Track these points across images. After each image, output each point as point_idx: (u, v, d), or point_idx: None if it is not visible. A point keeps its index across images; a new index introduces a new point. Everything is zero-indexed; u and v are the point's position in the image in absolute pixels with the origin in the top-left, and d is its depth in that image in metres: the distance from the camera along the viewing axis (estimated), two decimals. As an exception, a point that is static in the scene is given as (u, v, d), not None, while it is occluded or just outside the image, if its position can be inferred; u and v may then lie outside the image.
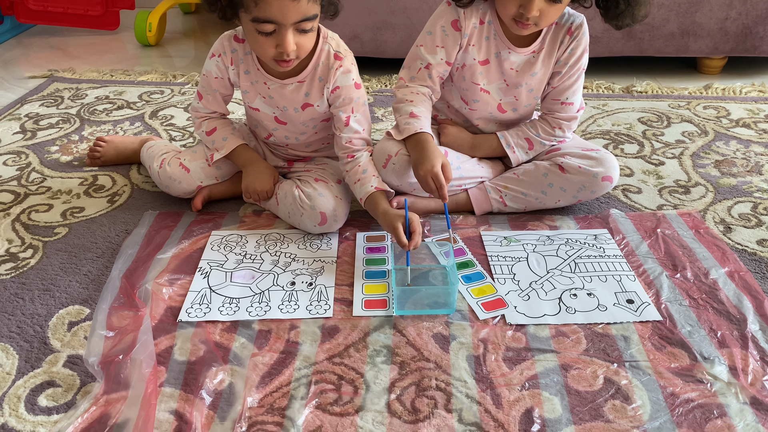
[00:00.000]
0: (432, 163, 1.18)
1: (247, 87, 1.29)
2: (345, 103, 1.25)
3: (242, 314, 1.08)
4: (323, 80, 1.25)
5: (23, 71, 2.33)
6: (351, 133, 1.26)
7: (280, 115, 1.31)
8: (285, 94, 1.27)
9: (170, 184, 1.36)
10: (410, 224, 1.14)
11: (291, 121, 1.32)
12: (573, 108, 1.34)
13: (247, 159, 1.34)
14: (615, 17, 1.21)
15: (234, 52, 1.27)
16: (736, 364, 0.96)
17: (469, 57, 1.29)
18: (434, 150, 1.21)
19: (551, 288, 1.13)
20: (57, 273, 1.19)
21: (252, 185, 1.32)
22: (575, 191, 1.31)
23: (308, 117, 1.30)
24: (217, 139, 1.34)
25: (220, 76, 1.29)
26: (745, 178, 1.48)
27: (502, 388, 0.93)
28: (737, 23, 1.99)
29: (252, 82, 1.28)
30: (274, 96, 1.28)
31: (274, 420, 0.88)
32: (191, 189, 1.37)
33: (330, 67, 1.23)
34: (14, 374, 0.97)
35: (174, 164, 1.36)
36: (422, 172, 1.18)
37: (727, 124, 1.77)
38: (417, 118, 1.25)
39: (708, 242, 1.25)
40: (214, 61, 1.28)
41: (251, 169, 1.34)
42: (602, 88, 2.04)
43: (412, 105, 1.27)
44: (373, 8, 2.04)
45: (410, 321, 1.06)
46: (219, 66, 1.28)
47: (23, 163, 1.61)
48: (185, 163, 1.35)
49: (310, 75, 1.25)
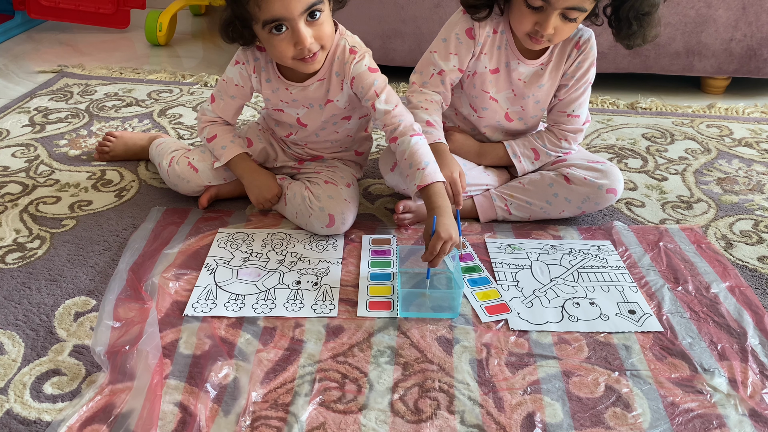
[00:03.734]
0: (451, 170, 1.23)
1: (269, 95, 1.30)
2: (366, 89, 1.24)
3: (248, 311, 1.08)
4: (340, 75, 1.26)
5: (33, 66, 2.34)
6: (382, 115, 1.24)
7: (303, 115, 1.32)
8: (308, 94, 1.28)
9: (179, 183, 1.37)
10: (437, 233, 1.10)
11: (313, 119, 1.33)
12: (579, 120, 1.36)
13: (245, 169, 1.35)
14: (627, 37, 1.23)
15: (257, 60, 1.28)
16: (735, 377, 0.97)
17: (481, 65, 1.31)
18: (452, 159, 1.26)
19: (554, 296, 1.14)
20: (64, 264, 1.20)
21: (261, 195, 1.33)
22: (579, 202, 1.32)
23: (329, 114, 1.31)
24: (216, 148, 1.34)
25: (242, 84, 1.30)
26: (746, 196, 1.50)
27: (505, 392, 0.94)
28: (742, 44, 2.02)
29: (273, 90, 1.29)
30: (298, 98, 1.29)
31: (278, 415, 0.89)
32: (199, 188, 1.38)
33: (345, 62, 1.25)
34: (20, 362, 0.97)
35: (183, 163, 1.37)
36: None
37: (729, 143, 1.79)
38: (434, 128, 1.28)
39: (709, 257, 1.26)
40: (237, 68, 1.29)
41: (253, 180, 1.34)
42: (607, 103, 2.06)
43: (428, 113, 1.29)
44: (383, 17, 2.07)
45: (414, 323, 1.07)
46: (242, 74, 1.29)
47: (32, 156, 1.62)
48: (194, 163, 1.36)
49: (328, 71, 1.26)
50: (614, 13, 1.22)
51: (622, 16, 1.20)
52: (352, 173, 1.37)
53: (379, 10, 2.05)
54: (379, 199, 1.45)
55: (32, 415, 0.88)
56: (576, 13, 1.15)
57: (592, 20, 1.25)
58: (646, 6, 1.18)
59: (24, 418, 0.88)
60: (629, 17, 1.19)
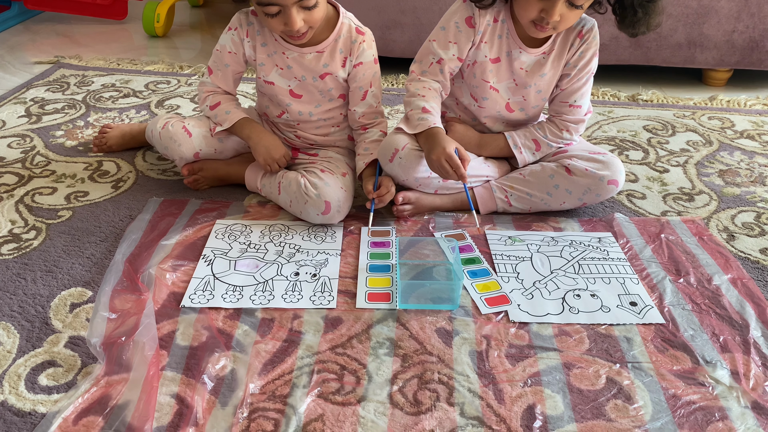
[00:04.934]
0: (443, 146, 1.18)
1: (263, 59, 1.30)
2: (365, 78, 1.30)
3: (246, 302, 1.07)
4: (344, 52, 1.28)
5: (29, 56, 2.32)
6: (365, 107, 1.32)
7: (296, 87, 1.32)
8: (304, 63, 1.29)
9: (170, 145, 1.35)
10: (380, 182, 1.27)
11: (307, 91, 1.32)
12: (581, 111, 1.35)
13: (252, 130, 1.33)
14: (631, 25, 1.21)
15: (250, 25, 1.29)
16: (738, 369, 0.96)
17: (481, 54, 1.29)
18: (446, 137, 1.22)
19: (555, 288, 1.13)
20: (60, 255, 1.19)
21: (268, 155, 1.30)
22: (580, 194, 1.31)
23: (326, 87, 1.32)
24: (221, 113, 1.34)
25: (234, 50, 1.31)
26: (748, 188, 1.49)
27: (505, 383, 0.93)
28: (744, 36, 2.00)
29: (269, 54, 1.29)
30: (293, 66, 1.29)
31: (276, 407, 0.88)
32: (189, 154, 1.36)
33: (353, 40, 1.27)
34: (15, 353, 0.96)
35: (177, 126, 1.35)
36: (435, 156, 1.18)
37: (731, 135, 1.78)
38: (430, 114, 1.25)
39: (711, 249, 1.25)
40: (229, 35, 1.30)
41: (260, 140, 1.31)
42: (608, 95, 2.05)
43: (424, 100, 1.27)
44: (383, 7, 2.05)
45: (413, 315, 1.06)
46: (234, 40, 1.30)
47: (28, 146, 1.60)
48: (189, 127, 1.35)
49: (331, 46, 1.28)
50: (618, 0, 1.20)
51: (627, 4, 1.19)
52: (347, 163, 1.36)
53: (378, 0, 2.03)
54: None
55: (27, 407, 0.87)
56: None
57: (595, 8, 1.23)
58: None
59: (19, 409, 0.87)
60: (634, 4, 1.18)
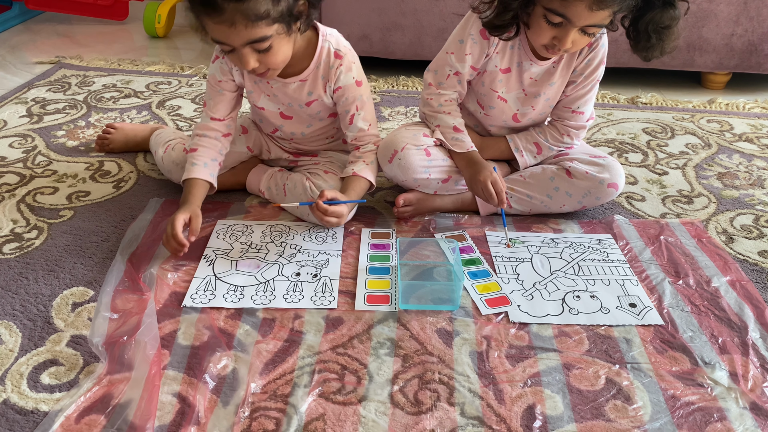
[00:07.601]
0: (489, 170, 1.26)
1: (251, 87, 1.29)
2: (349, 102, 1.27)
3: (247, 302, 1.08)
4: (324, 78, 1.25)
5: (30, 57, 2.33)
6: (356, 131, 1.30)
7: (285, 110, 1.31)
8: (288, 92, 1.27)
9: (173, 169, 1.36)
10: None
11: (297, 115, 1.32)
12: (583, 117, 1.35)
13: (186, 196, 1.22)
14: (644, 49, 1.19)
15: None
16: (736, 370, 0.97)
17: (491, 64, 1.30)
18: (484, 161, 1.30)
19: (555, 289, 1.14)
20: (62, 255, 1.19)
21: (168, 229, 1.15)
22: (580, 197, 1.32)
23: (314, 111, 1.31)
24: (188, 161, 1.27)
25: (224, 79, 1.27)
26: (747, 191, 1.49)
27: (505, 384, 0.93)
28: (743, 40, 2.01)
29: (255, 81, 1.28)
30: (278, 94, 1.28)
31: (277, 406, 0.88)
32: None
33: (330, 66, 1.23)
34: (17, 351, 0.97)
35: (178, 149, 1.36)
36: (482, 178, 1.25)
37: (730, 138, 1.79)
38: (462, 133, 1.32)
39: (710, 251, 1.26)
40: (217, 64, 1.27)
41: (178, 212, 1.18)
42: (608, 98, 2.06)
43: (452, 118, 1.32)
44: (384, 9, 2.05)
45: (414, 315, 1.06)
46: (222, 68, 1.27)
47: (29, 146, 1.61)
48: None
49: (313, 74, 1.25)
50: (632, 24, 1.18)
51: (641, 29, 1.15)
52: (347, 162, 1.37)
53: (379, 2, 2.04)
54: (378, 192, 1.44)
55: (29, 405, 0.88)
56: (594, 29, 1.13)
57: (607, 27, 1.22)
58: (667, 19, 1.13)
59: (21, 408, 0.87)
60: (648, 30, 1.15)
